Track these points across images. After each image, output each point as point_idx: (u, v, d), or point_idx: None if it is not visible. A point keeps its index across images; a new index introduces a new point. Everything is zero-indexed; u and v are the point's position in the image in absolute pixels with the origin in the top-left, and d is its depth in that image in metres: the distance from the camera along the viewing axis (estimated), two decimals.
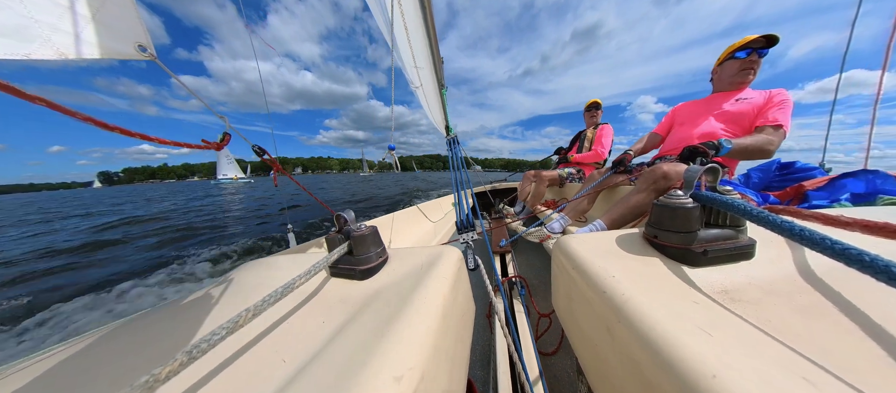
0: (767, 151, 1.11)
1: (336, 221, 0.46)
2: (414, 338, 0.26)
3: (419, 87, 2.16)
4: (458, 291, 0.41)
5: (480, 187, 3.65)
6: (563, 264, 0.43)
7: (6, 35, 0.41)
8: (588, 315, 0.36)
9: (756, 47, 1.18)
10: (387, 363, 0.23)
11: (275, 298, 0.28)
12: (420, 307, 0.31)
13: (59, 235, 6.84)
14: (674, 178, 1.06)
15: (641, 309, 0.27)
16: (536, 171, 2.43)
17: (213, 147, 0.58)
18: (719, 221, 0.35)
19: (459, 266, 0.46)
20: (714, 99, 1.36)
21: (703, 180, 0.38)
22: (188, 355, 0.20)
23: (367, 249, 0.43)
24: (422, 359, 0.25)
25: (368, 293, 0.37)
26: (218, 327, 0.23)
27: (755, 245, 0.35)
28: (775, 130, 1.12)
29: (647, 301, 0.28)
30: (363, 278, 0.41)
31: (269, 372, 0.25)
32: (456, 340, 0.35)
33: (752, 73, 1.23)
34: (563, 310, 0.46)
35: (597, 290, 0.33)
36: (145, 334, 0.37)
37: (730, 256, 0.34)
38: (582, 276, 0.37)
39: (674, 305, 0.28)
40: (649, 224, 0.40)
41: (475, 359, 1.01)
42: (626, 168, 1.56)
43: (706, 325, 0.25)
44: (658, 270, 0.35)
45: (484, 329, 1.13)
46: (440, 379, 0.27)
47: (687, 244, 0.34)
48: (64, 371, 0.32)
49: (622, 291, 0.30)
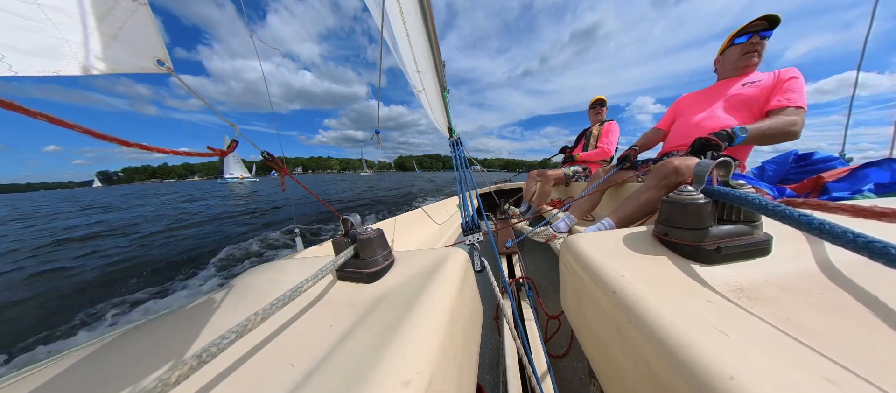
0: (792, 133, 1.03)
1: (342, 224, 0.47)
2: (422, 341, 0.26)
3: (422, 91, 2.18)
4: (465, 294, 0.41)
5: (485, 188, 3.65)
6: (572, 264, 0.43)
7: (39, 55, 0.44)
8: (598, 316, 0.35)
9: (757, 30, 1.13)
10: (394, 367, 0.23)
11: (283, 302, 0.29)
12: (427, 310, 0.31)
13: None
14: (685, 172, 1.02)
15: (653, 309, 0.27)
16: (541, 171, 2.41)
17: (220, 154, 0.59)
18: (733, 216, 0.35)
19: (466, 268, 0.46)
20: (718, 86, 1.30)
21: (715, 175, 0.38)
22: (198, 359, 0.21)
23: (373, 252, 0.43)
24: (430, 363, 0.25)
25: (375, 296, 0.38)
26: (227, 332, 0.23)
27: (771, 241, 0.34)
28: (796, 110, 1.04)
29: (659, 300, 0.28)
30: (370, 281, 0.42)
31: (277, 376, 0.26)
32: (464, 343, 0.35)
33: (757, 55, 1.17)
34: (573, 311, 0.45)
35: (606, 290, 0.33)
36: (156, 339, 0.38)
37: (745, 253, 0.33)
38: (591, 276, 0.37)
39: (687, 305, 0.27)
40: (659, 221, 0.40)
41: (484, 362, 1.00)
42: (632, 164, 1.53)
43: (722, 324, 0.24)
44: (669, 269, 0.34)
45: (492, 332, 1.12)
46: (449, 383, 0.27)
47: (699, 241, 0.34)
48: (73, 377, 0.33)
49: (633, 291, 0.30)
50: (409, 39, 1.59)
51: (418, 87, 2.09)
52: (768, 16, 1.09)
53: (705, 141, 1.01)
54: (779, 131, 1.04)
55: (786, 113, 1.06)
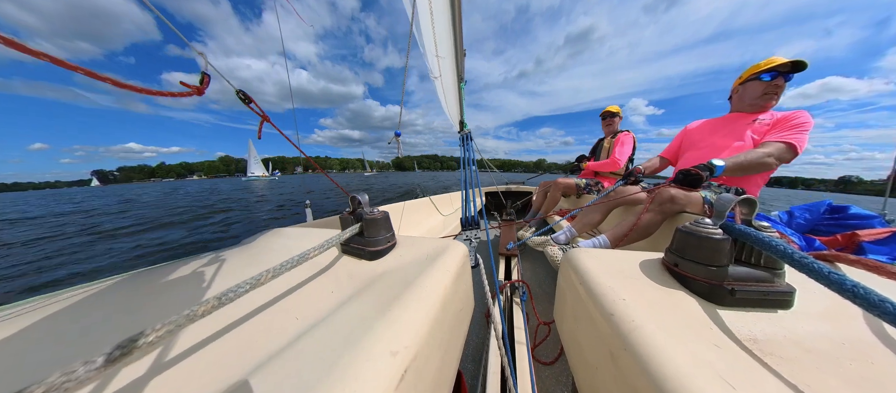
0: (765, 164, 1.05)
1: (351, 202, 0.51)
2: (412, 321, 0.29)
3: (438, 78, 2.13)
4: (459, 286, 0.43)
5: (493, 187, 3.64)
6: (571, 278, 0.42)
7: None
8: (591, 335, 0.34)
9: (782, 71, 1.11)
10: (385, 337, 0.26)
11: (291, 265, 0.31)
12: (421, 294, 0.34)
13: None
14: (682, 202, 1.05)
15: (651, 340, 0.25)
16: (550, 181, 2.35)
17: (197, 91, 0.57)
18: (752, 259, 0.32)
19: (463, 262, 0.48)
20: (731, 120, 1.28)
21: (738, 212, 0.35)
22: (218, 301, 0.24)
23: (377, 232, 0.46)
24: (417, 340, 0.27)
25: (375, 273, 0.41)
26: (243, 282, 0.27)
27: (794, 294, 0.31)
28: (779, 146, 1.04)
29: (659, 333, 0.26)
30: (371, 259, 0.45)
31: (283, 326, 0.29)
32: (451, 330, 0.38)
33: (775, 98, 1.17)
34: (565, 325, 0.45)
35: (604, 311, 0.32)
36: (185, 278, 0.44)
37: (763, 301, 0.30)
38: (589, 293, 0.36)
39: (691, 344, 0.25)
40: (670, 250, 0.38)
41: (468, 353, 1.02)
42: (636, 179, 1.49)
43: (728, 374, 0.22)
44: (675, 302, 0.32)
45: (481, 326, 1.13)
46: (432, 362, 0.30)
47: (713, 279, 0.31)
48: (107, 303, 0.37)
49: (632, 318, 0.29)
50: (432, 19, 1.53)
51: (435, 72, 2.04)
52: (796, 61, 1.08)
53: (687, 172, 1.04)
54: (754, 163, 1.05)
55: (764, 146, 1.07)
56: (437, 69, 2.01)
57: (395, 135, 1.57)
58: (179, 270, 0.47)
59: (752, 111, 1.21)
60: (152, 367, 0.24)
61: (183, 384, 0.23)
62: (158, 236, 6.30)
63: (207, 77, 0.61)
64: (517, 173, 3.54)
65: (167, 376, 0.23)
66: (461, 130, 1.91)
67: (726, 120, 1.31)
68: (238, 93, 0.76)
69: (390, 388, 0.22)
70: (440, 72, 2.05)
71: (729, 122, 1.28)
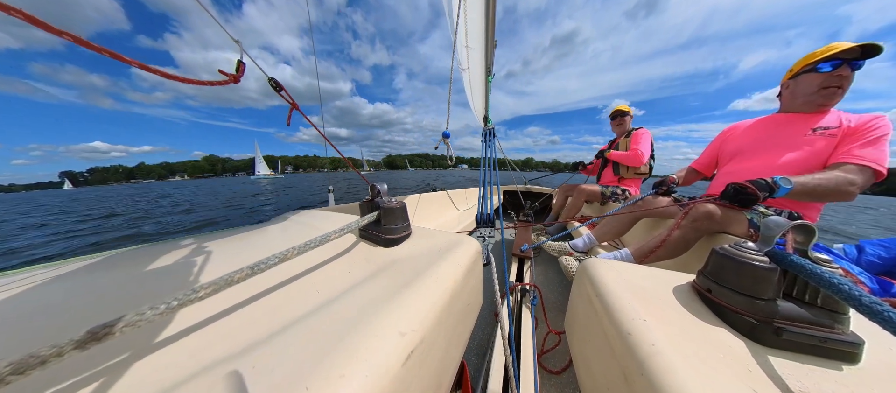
0: (845, 194, 0.86)
1: (370, 190, 0.54)
2: (421, 307, 0.31)
3: (466, 70, 2.10)
4: (469, 280, 0.45)
5: (513, 186, 3.58)
6: (586, 289, 0.41)
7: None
8: (603, 354, 0.33)
9: (849, 58, 0.88)
10: (395, 319, 0.28)
11: (314, 245, 0.36)
12: (431, 284, 0.36)
13: None
14: (720, 221, 0.92)
15: (673, 369, 0.23)
16: (573, 185, 2.25)
17: (232, 79, 0.61)
18: (806, 297, 0.28)
19: (476, 259, 0.49)
20: (782, 124, 1.06)
21: (790, 239, 0.31)
22: (252, 270, 0.29)
23: (394, 221, 0.49)
24: (424, 326, 0.29)
25: (389, 259, 0.44)
26: (272, 256, 0.31)
27: (863, 347, 0.26)
28: (860, 170, 0.85)
29: (684, 364, 0.24)
30: (387, 246, 0.48)
31: (305, 298, 0.34)
32: (458, 322, 0.40)
33: (840, 92, 0.94)
34: (576, 337, 0.44)
35: (620, 329, 0.30)
36: (221, 247, 0.52)
37: (819, 349, 0.26)
38: (605, 307, 0.34)
39: (722, 382, 0.23)
40: (703, 273, 0.35)
41: (473, 348, 1.04)
42: (668, 188, 1.34)
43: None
44: (706, 332, 0.29)
45: (488, 325, 1.15)
46: (437, 348, 0.32)
47: (757, 314, 0.28)
48: (157, 265, 0.44)
49: (652, 341, 0.27)
50: (464, 8, 1.50)
51: (464, 64, 2.01)
52: (867, 45, 0.84)
53: (740, 188, 0.88)
54: (831, 190, 0.86)
55: (844, 169, 0.87)
56: (466, 60, 1.98)
57: (444, 136, 1.46)
58: (225, 239, 0.57)
59: (807, 110, 1.00)
60: (202, 321, 0.29)
61: (223, 335, 0.28)
62: None
63: (243, 65, 0.66)
64: (509, 172, 3.45)
65: (210, 329, 0.29)
66: (485, 125, 1.88)
67: (777, 123, 1.09)
68: (270, 80, 0.81)
69: (397, 364, 0.24)
70: (469, 63, 2.02)
71: (781, 125, 1.06)
